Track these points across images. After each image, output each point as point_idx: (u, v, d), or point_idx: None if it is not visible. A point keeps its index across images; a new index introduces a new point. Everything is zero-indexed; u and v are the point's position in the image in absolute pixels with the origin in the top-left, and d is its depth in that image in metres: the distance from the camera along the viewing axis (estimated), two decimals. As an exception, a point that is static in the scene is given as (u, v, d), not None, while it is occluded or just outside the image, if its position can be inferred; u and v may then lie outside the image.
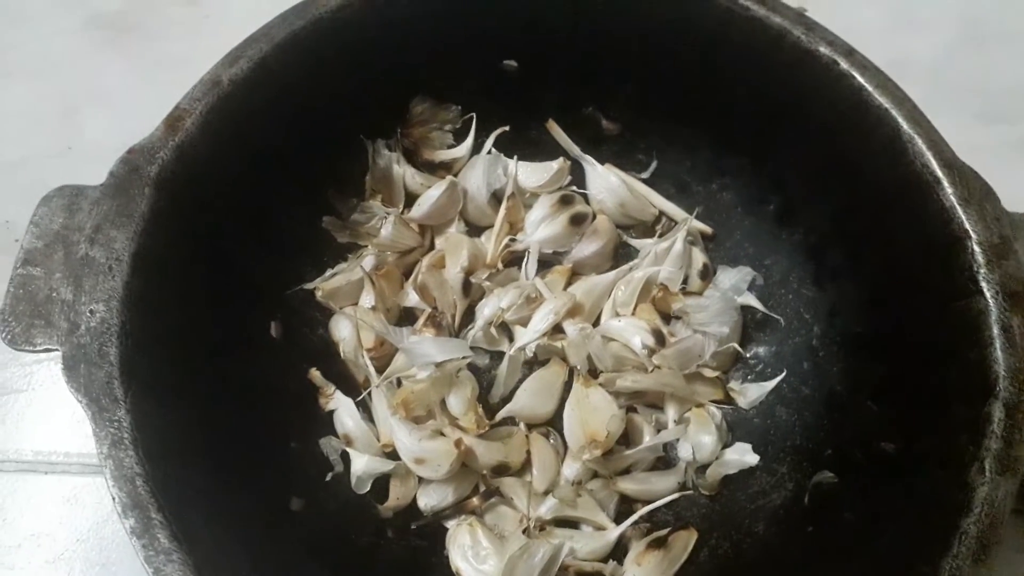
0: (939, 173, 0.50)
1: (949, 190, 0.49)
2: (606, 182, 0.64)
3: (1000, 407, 0.44)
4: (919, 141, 0.51)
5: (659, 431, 0.58)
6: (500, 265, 0.62)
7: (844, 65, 0.53)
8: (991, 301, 0.47)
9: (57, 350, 0.45)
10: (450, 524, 0.55)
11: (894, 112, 0.52)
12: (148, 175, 0.49)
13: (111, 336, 0.45)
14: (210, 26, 0.79)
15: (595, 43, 0.60)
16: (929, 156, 0.50)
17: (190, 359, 0.50)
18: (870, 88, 0.52)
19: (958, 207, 0.49)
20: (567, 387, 0.58)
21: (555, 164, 0.64)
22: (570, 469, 0.56)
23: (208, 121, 0.51)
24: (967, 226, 0.48)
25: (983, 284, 0.47)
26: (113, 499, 0.42)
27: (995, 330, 0.46)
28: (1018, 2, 0.81)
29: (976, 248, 0.48)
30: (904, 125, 0.51)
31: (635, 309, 0.61)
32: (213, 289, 0.53)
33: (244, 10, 0.54)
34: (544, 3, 0.58)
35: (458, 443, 0.53)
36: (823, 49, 0.54)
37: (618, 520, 0.55)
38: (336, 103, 0.58)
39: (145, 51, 0.78)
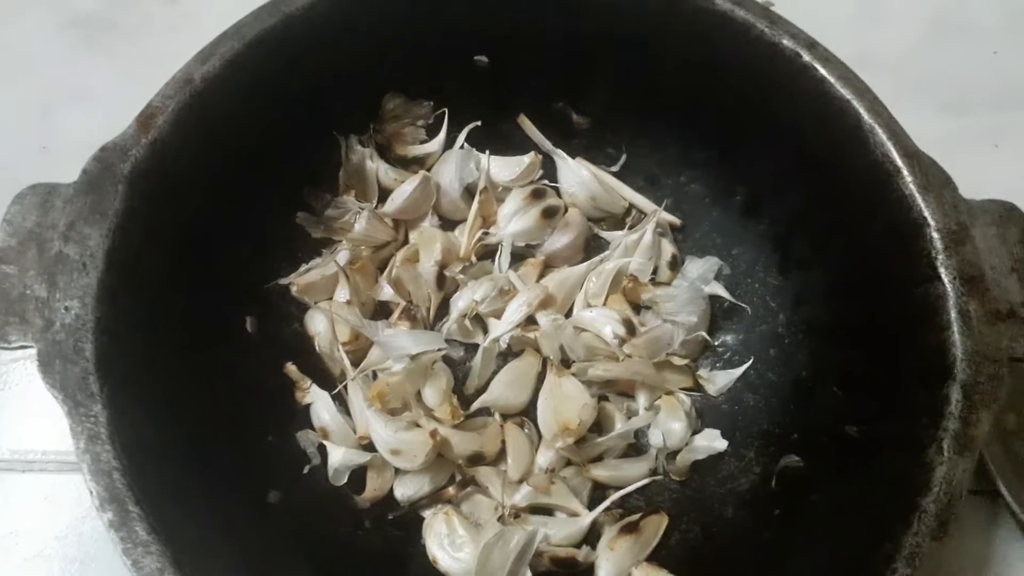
0: (899, 163, 0.51)
1: (909, 179, 0.51)
2: (577, 175, 0.65)
3: (958, 389, 0.46)
4: (880, 131, 0.52)
5: (630, 419, 0.59)
6: (474, 258, 0.63)
7: (807, 57, 0.54)
8: (949, 286, 0.48)
9: (32, 347, 0.46)
10: (427, 514, 0.56)
11: (856, 103, 0.53)
12: (121, 172, 0.49)
13: (86, 332, 0.45)
14: (188, 25, 0.79)
15: (564, 39, 0.61)
16: (889, 146, 0.51)
17: (166, 354, 0.50)
18: (832, 80, 0.53)
19: (917, 195, 0.50)
20: (540, 377, 0.59)
21: (527, 158, 0.65)
22: (544, 457, 0.57)
23: (181, 118, 0.51)
24: (926, 214, 0.50)
25: (941, 270, 0.49)
26: (91, 493, 0.42)
27: (953, 314, 0.48)
28: (978, 0, 0.83)
29: (935, 235, 0.49)
30: (865, 116, 0.52)
31: (606, 300, 0.62)
32: (188, 285, 0.53)
33: (221, 9, 0.55)
34: (513, 3, 0.59)
35: (433, 434, 0.54)
36: (786, 42, 0.55)
37: (591, 506, 0.56)
38: (309, 100, 0.59)
39: (123, 50, 0.78)
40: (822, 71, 0.54)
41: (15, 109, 0.75)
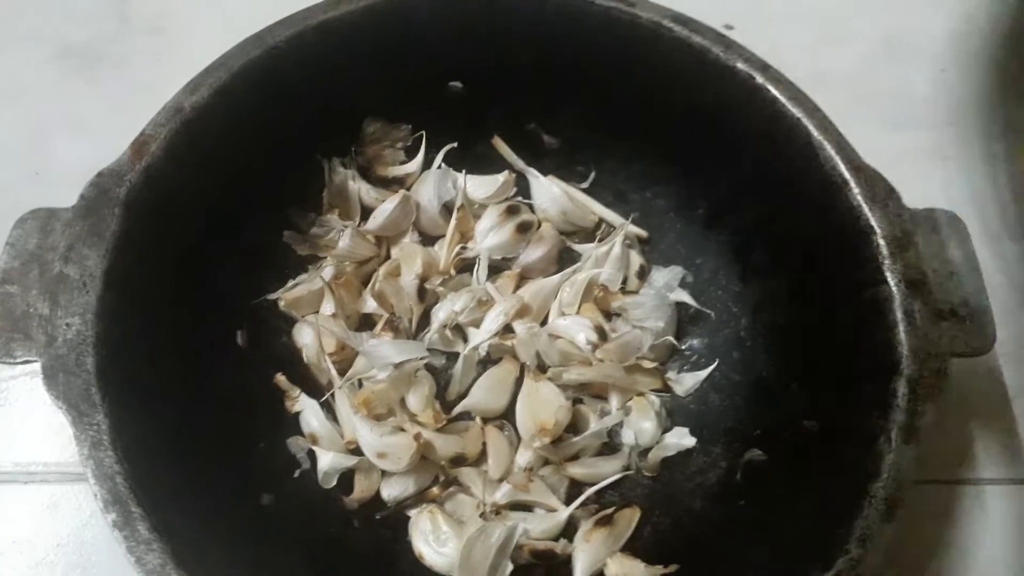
0: (847, 176, 0.54)
1: (856, 190, 0.54)
2: (549, 192, 0.69)
3: (904, 383, 0.49)
4: (828, 147, 0.55)
5: (603, 419, 0.62)
6: (453, 271, 0.66)
7: (759, 79, 0.58)
8: (894, 288, 0.52)
9: (36, 361, 0.48)
10: (412, 513, 0.59)
11: (805, 121, 0.56)
12: (117, 197, 0.52)
13: (87, 347, 0.48)
14: (171, 54, 0.82)
15: (534, 67, 0.65)
16: (837, 160, 0.55)
17: (162, 366, 0.53)
18: (783, 100, 0.57)
19: (864, 205, 0.54)
20: (518, 382, 0.62)
21: (501, 177, 0.69)
22: (523, 457, 0.60)
23: (172, 145, 0.54)
24: (872, 222, 0.53)
25: (887, 274, 0.52)
26: (95, 496, 0.45)
27: (899, 314, 0.51)
28: (928, 23, 0.87)
29: (880, 242, 0.53)
30: (815, 133, 0.56)
31: (579, 308, 0.65)
32: (182, 301, 0.56)
33: (206, 39, 0.58)
34: (484, 31, 0.63)
35: (417, 437, 0.57)
36: (740, 65, 0.58)
37: (568, 502, 0.59)
38: (293, 125, 0.62)
39: (112, 79, 0.81)
40: (773, 92, 0.57)
41: (9, 137, 0.77)
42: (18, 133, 0.77)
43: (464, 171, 0.68)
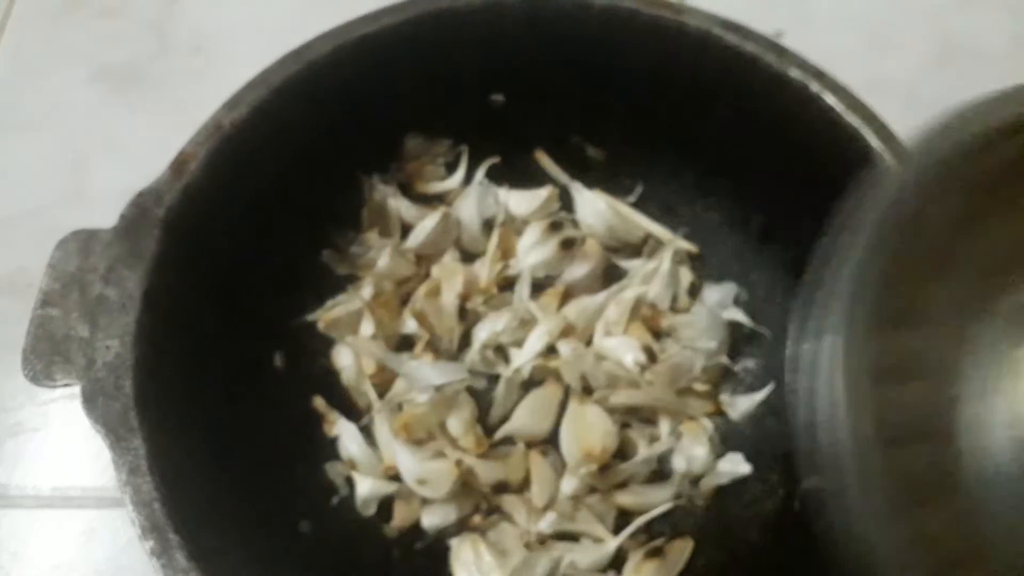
0: (909, 186, 0.52)
1: (918, 202, 0.51)
2: (594, 207, 0.66)
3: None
4: (888, 157, 0.53)
5: (653, 445, 0.59)
6: (494, 290, 0.64)
7: (815, 87, 0.55)
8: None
9: (76, 385, 0.48)
10: (453, 542, 0.57)
11: (864, 131, 0.54)
12: (156, 217, 0.51)
13: (126, 370, 0.47)
14: (211, 74, 0.82)
15: (578, 77, 0.63)
16: (898, 171, 0.52)
17: (200, 389, 0.52)
18: (840, 108, 0.54)
19: (928, 218, 0.51)
20: (563, 405, 0.60)
21: (544, 192, 0.66)
22: (568, 484, 0.58)
23: (211, 163, 0.53)
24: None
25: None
26: (133, 522, 0.43)
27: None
28: (985, 25, 0.84)
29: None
30: (874, 142, 0.53)
31: (626, 328, 0.63)
32: (220, 323, 0.55)
33: (244, 57, 0.57)
34: (527, 42, 0.61)
35: (458, 463, 0.55)
36: (794, 72, 0.56)
37: (616, 532, 0.57)
38: (332, 141, 0.61)
39: (151, 100, 0.81)
40: (829, 100, 0.55)
41: (50, 160, 0.78)
42: (59, 154, 0.78)
43: (506, 186, 0.67)
